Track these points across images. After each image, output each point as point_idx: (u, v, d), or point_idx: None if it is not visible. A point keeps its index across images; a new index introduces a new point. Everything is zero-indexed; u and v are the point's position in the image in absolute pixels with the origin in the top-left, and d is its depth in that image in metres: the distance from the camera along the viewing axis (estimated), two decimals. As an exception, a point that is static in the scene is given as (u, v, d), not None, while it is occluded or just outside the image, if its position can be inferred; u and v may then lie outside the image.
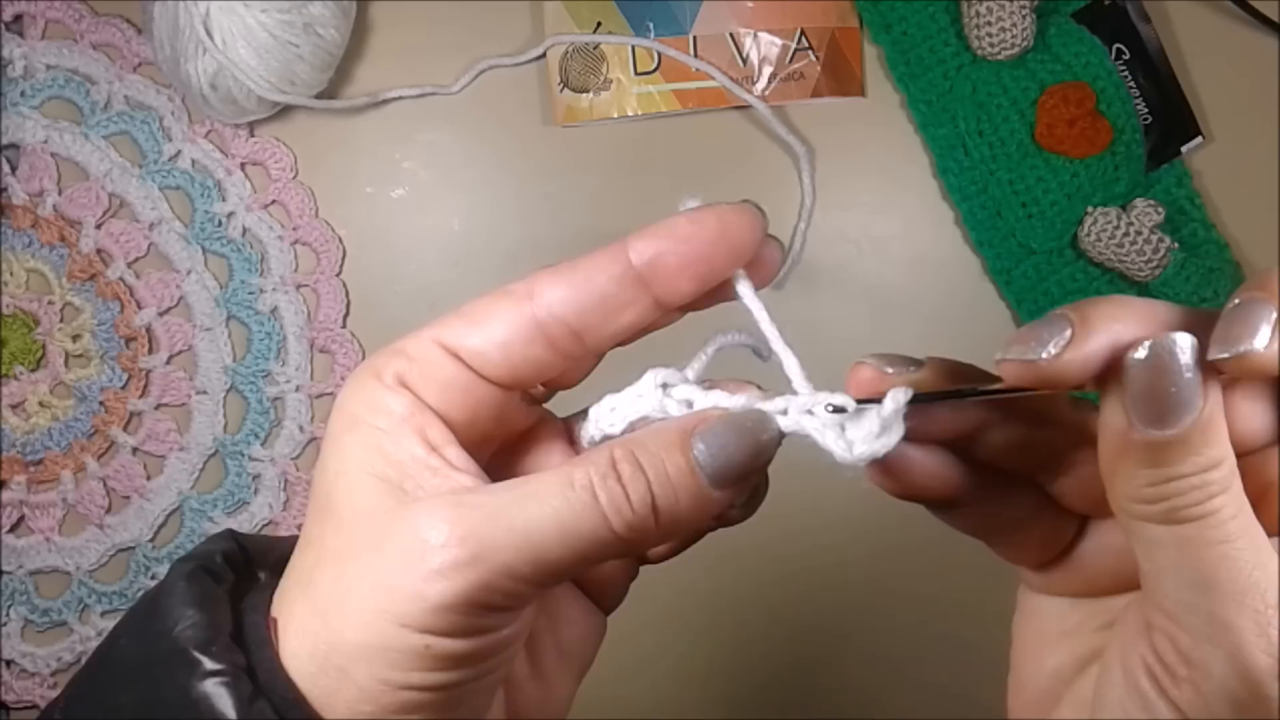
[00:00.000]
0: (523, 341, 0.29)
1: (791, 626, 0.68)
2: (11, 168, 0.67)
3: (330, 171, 0.68)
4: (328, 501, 0.29)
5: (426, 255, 0.68)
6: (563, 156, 0.68)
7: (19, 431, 0.67)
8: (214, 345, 0.67)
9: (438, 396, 0.29)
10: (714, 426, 0.28)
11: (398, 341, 0.30)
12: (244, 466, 0.67)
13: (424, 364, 0.29)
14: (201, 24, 0.61)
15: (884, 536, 0.67)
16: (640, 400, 0.30)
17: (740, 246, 0.29)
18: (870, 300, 0.68)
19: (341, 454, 0.29)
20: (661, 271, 0.29)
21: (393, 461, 0.29)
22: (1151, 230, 0.64)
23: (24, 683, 0.66)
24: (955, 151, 0.67)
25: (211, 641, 0.27)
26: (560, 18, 0.68)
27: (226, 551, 0.31)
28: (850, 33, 0.68)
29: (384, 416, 0.29)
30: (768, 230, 0.30)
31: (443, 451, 0.29)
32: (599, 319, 0.29)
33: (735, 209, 0.29)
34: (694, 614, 0.67)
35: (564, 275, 0.29)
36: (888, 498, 0.30)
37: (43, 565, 0.67)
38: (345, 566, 0.28)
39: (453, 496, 0.28)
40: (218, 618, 0.28)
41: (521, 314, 0.29)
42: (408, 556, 0.27)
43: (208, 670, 0.27)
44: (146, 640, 0.28)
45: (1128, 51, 0.67)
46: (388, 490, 0.28)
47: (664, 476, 0.28)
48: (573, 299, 0.29)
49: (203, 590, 0.29)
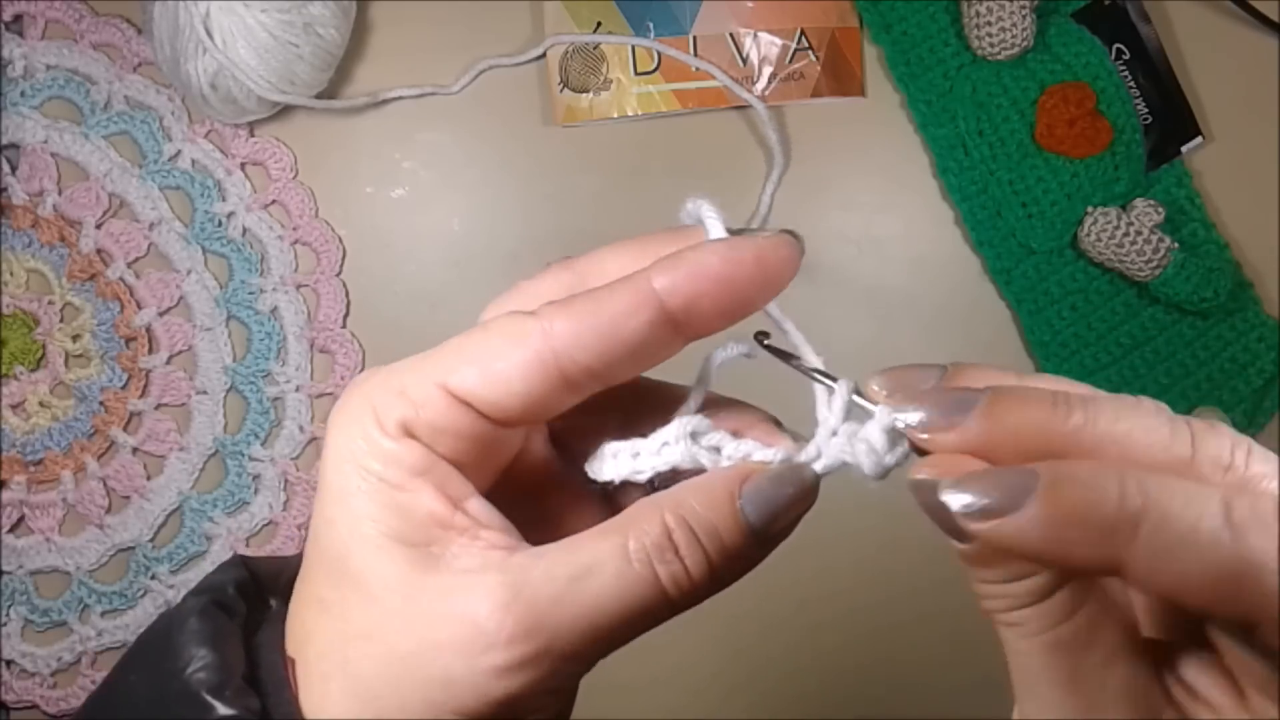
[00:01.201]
0: (541, 389, 0.27)
1: (800, 629, 0.68)
2: (11, 168, 0.67)
3: (330, 171, 0.68)
4: (344, 566, 0.27)
5: (426, 255, 0.68)
6: (563, 156, 0.68)
7: (19, 431, 0.67)
8: (214, 345, 0.67)
9: (449, 447, 0.28)
10: (760, 485, 0.27)
11: (394, 376, 0.28)
12: (244, 466, 0.67)
13: (431, 412, 0.27)
14: (201, 24, 0.61)
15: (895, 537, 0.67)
16: (668, 449, 0.29)
17: (778, 281, 0.28)
18: (870, 300, 0.68)
19: (351, 510, 0.27)
20: (695, 316, 0.27)
21: (413, 522, 0.27)
22: (1151, 230, 0.64)
23: (24, 683, 0.66)
24: (955, 151, 0.67)
25: (225, 685, 0.27)
26: (560, 18, 0.68)
27: (238, 581, 0.31)
28: (850, 33, 0.68)
29: (394, 469, 0.27)
30: (803, 256, 0.28)
31: (465, 507, 0.28)
32: (628, 366, 0.28)
33: (774, 242, 0.28)
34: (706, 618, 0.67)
35: (586, 319, 0.27)
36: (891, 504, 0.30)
37: (43, 565, 0.67)
38: (388, 650, 0.26)
39: (501, 574, 0.26)
40: (230, 658, 0.28)
41: (541, 362, 0.27)
42: (464, 648, 0.26)
43: (221, 716, 0.26)
44: (157, 680, 0.28)
45: (1128, 51, 0.67)
46: (415, 558, 0.27)
47: (719, 543, 0.27)
48: (599, 348, 0.27)
49: (215, 627, 0.28)
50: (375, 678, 0.27)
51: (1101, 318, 0.67)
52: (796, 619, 0.68)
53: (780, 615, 0.68)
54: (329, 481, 0.28)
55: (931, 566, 0.67)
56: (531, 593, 0.26)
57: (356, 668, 0.27)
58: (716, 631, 0.67)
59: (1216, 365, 0.66)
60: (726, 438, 0.29)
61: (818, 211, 0.68)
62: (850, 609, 0.68)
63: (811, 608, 0.68)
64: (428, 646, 0.26)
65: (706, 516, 0.27)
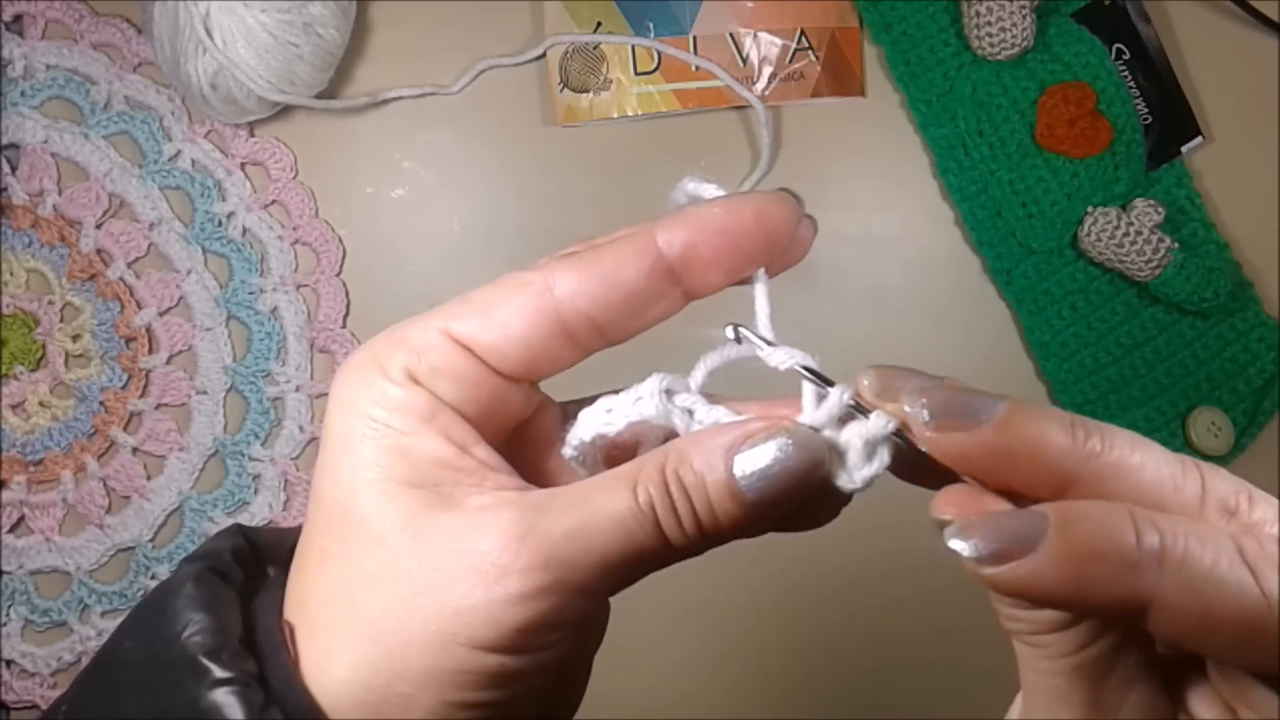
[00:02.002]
0: (542, 337, 0.27)
1: (804, 625, 0.68)
2: (11, 168, 0.67)
3: (330, 171, 0.68)
4: (346, 511, 0.27)
5: (426, 255, 0.68)
6: (563, 156, 0.68)
7: (19, 431, 0.67)
8: (214, 345, 0.67)
9: (453, 392, 0.28)
10: (753, 449, 0.26)
11: (397, 329, 0.28)
12: (244, 466, 0.67)
13: (434, 357, 0.27)
14: (201, 24, 0.61)
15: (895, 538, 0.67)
16: (641, 403, 0.29)
17: (775, 237, 0.28)
18: (870, 300, 0.68)
19: (355, 457, 0.27)
20: (694, 265, 0.28)
21: (420, 465, 0.27)
22: (1151, 230, 0.64)
23: (24, 683, 0.66)
24: (955, 151, 0.67)
25: (221, 648, 0.26)
26: (560, 18, 0.68)
27: (235, 549, 0.30)
28: (850, 33, 0.68)
29: (400, 416, 0.27)
30: (803, 215, 0.29)
31: (472, 452, 0.28)
32: (626, 315, 0.28)
33: (771, 198, 0.28)
34: (710, 608, 0.67)
35: (587, 268, 0.27)
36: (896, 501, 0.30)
37: (43, 565, 0.67)
38: (398, 589, 0.26)
39: (515, 509, 0.26)
40: (227, 622, 0.27)
41: (542, 309, 0.27)
42: (479, 578, 0.26)
43: (217, 678, 0.26)
44: (153, 645, 0.27)
45: (1128, 51, 0.67)
46: (423, 498, 0.27)
47: (707, 503, 0.26)
48: (598, 295, 0.27)
49: (211, 592, 0.28)
50: (384, 616, 0.26)
51: (1101, 318, 0.67)
52: (790, 614, 0.68)
53: (772, 609, 0.68)
54: (333, 431, 0.28)
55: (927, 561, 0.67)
56: (546, 527, 0.26)
57: (363, 610, 0.26)
58: (709, 632, 0.67)
59: (1216, 365, 0.66)
60: (700, 401, 0.29)
61: (817, 211, 0.67)
62: (845, 602, 0.68)
63: (807, 601, 0.68)
64: (440, 580, 0.26)
65: (699, 472, 0.26)
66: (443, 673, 0.26)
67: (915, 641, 0.68)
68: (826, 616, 0.68)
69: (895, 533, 0.67)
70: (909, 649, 0.68)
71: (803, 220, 0.29)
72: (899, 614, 0.68)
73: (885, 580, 0.67)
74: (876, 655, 0.68)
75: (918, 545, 0.71)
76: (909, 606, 0.67)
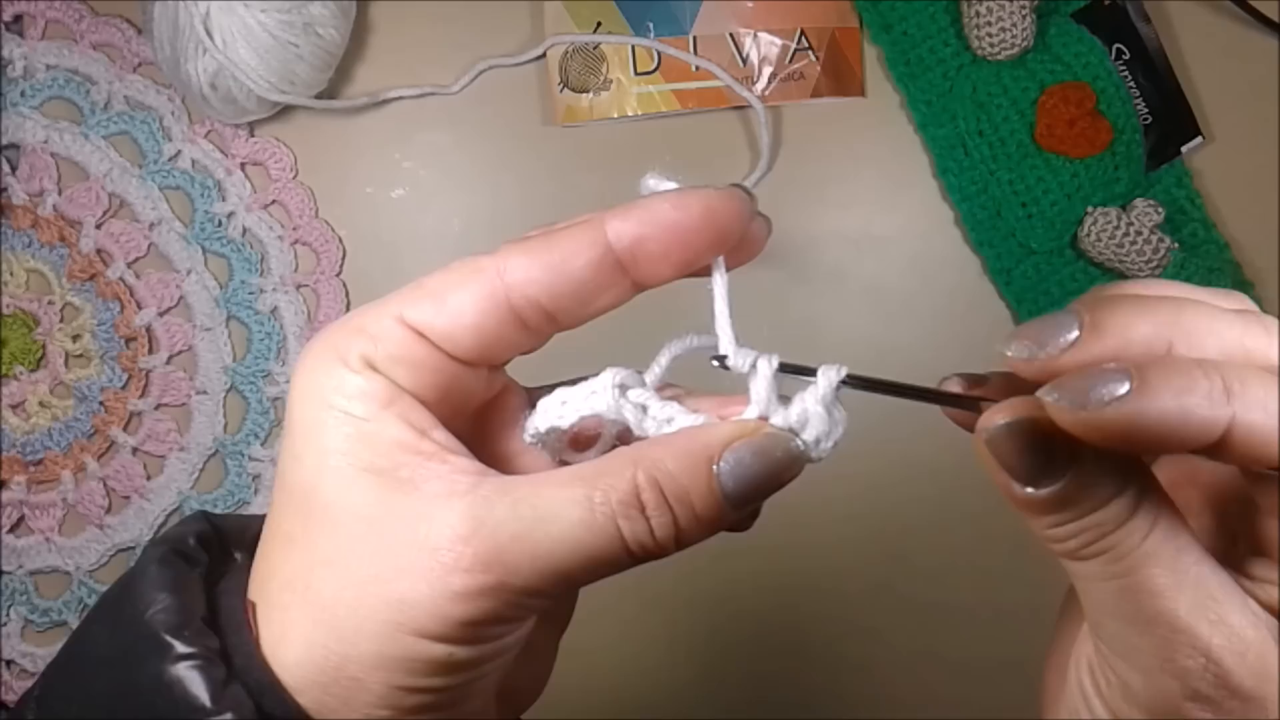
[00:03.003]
0: (494, 323, 0.28)
1: (788, 623, 0.68)
2: (11, 168, 0.67)
3: (330, 171, 0.68)
4: (309, 497, 0.28)
5: (426, 255, 0.68)
6: (563, 156, 0.68)
7: (19, 431, 0.67)
8: (214, 345, 0.67)
9: (410, 378, 0.28)
10: (741, 455, 0.27)
11: (353, 317, 0.29)
12: (244, 466, 0.67)
13: (390, 344, 0.28)
14: (201, 24, 0.61)
15: (886, 533, 0.67)
16: (594, 397, 0.29)
17: (725, 233, 0.28)
18: (870, 300, 0.68)
19: (319, 444, 0.28)
20: (642, 258, 0.28)
21: (380, 451, 0.27)
22: (1151, 230, 0.64)
23: (24, 683, 0.66)
24: (955, 151, 0.67)
25: (184, 625, 0.27)
26: (560, 18, 0.68)
27: (200, 533, 0.31)
28: (850, 33, 0.68)
29: (359, 403, 0.28)
30: (756, 211, 0.29)
31: (431, 435, 0.28)
32: (574, 303, 0.28)
33: (721, 194, 0.28)
34: (685, 605, 0.67)
35: (538, 254, 0.28)
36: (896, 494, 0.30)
37: (43, 565, 0.67)
38: (350, 575, 0.27)
39: (466, 502, 0.27)
40: (189, 601, 0.28)
41: (493, 295, 0.28)
42: (424, 572, 0.26)
43: (179, 654, 0.27)
44: (119, 626, 0.28)
45: (1128, 51, 0.67)
46: (381, 484, 0.27)
47: (689, 508, 0.27)
48: (547, 282, 0.28)
49: (175, 574, 0.29)
50: (336, 602, 0.27)
51: (1101, 318, 0.67)
52: (760, 606, 0.68)
53: (752, 601, 0.68)
54: (295, 419, 0.28)
55: (933, 562, 0.67)
56: (493, 528, 0.26)
57: (317, 594, 0.27)
58: (675, 623, 0.67)
59: (1216, 365, 0.66)
60: (654, 397, 0.29)
61: (818, 211, 0.68)
62: (835, 593, 0.68)
63: (794, 593, 0.68)
64: (390, 570, 0.26)
65: (679, 481, 0.27)
66: (391, 659, 0.27)
67: (893, 632, 0.68)
68: (799, 608, 0.68)
69: (869, 522, 0.67)
70: (886, 639, 0.68)
71: (755, 218, 0.29)
72: (875, 605, 0.68)
73: (859, 571, 0.68)
74: (852, 647, 0.68)
75: (888, 541, 0.71)
76: (884, 598, 0.67)
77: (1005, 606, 0.64)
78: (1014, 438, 0.25)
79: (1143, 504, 0.26)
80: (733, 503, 0.27)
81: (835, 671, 0.68)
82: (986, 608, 0.66)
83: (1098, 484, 0.25)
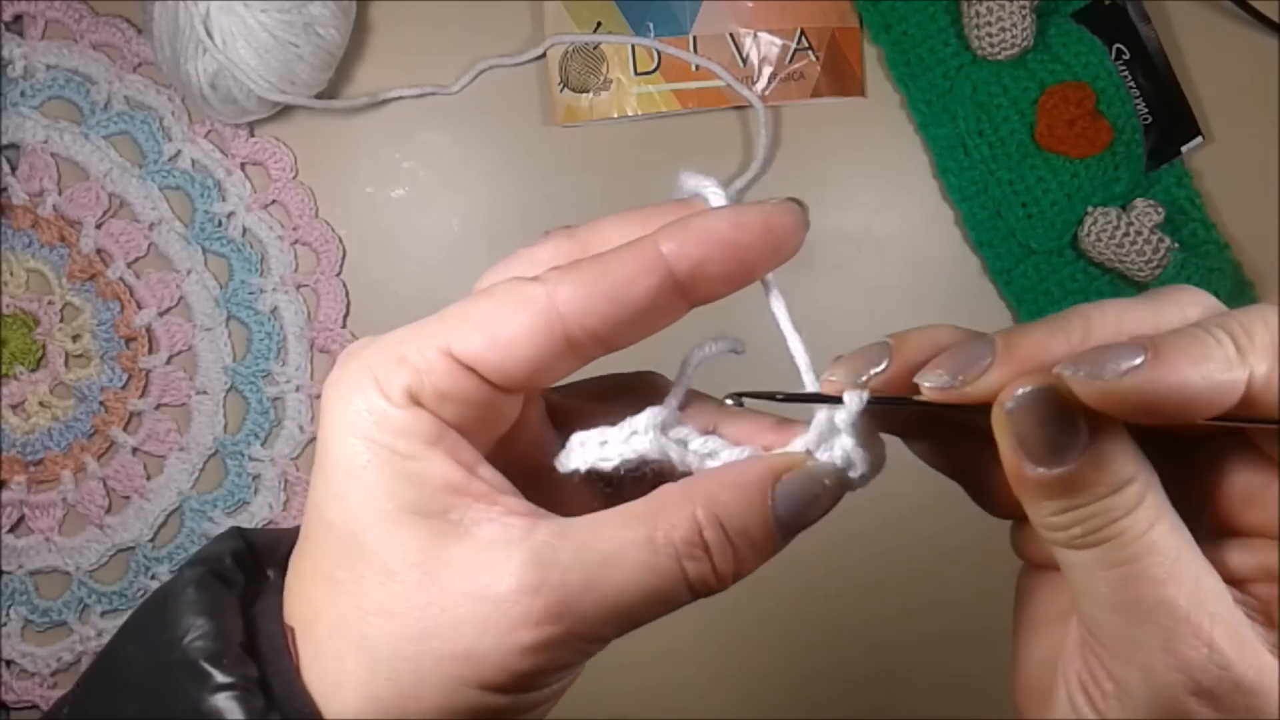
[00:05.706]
0: (548, 355, 0.27)
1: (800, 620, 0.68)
2: (11, 168, 0.67)
3: (330, 171, 0.68)
4: (358, 542, 0.27)
5: (426, 255, 0.68)
6: (563, 156, 0.68)
7: (19, 431, 0.67)
8: (214, 345, 0.67)
9: (455, 413, 0.27)
10: (794, 485, 0.27)
11: (394, 343, 0.27)
12: (244, 466, 0.67)
13: (436, 378, 0.27)
14: (201, 24, 0.61)
15: (886, 530, 0.67)
16: (635, 438, 0.29)
17: (783, 249, 0.28)
18: (870, 300, 0.68)
19: (362, 484, 0.27)
20: (701, 281, 0.27)
21: (428, 492, 0.27)
22: (1151, 230, 0.64)
23: (24, 683, 0.66)
24: (955, 151, 0.67)
25: (222, 653, 0.27)
26: (560, 18, 0.68)
27: (235, 552, 0.30)
28: (850, 33, 0.68)
29: (405, 440, 0.27)
30: (808, 223, 0.29)
31: (478, 473, 0.27)
32: (633, 331, 0.27)
33: (780, 210, 0.28)
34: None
35: (593, 284, 0.27)
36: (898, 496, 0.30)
37: (43, 565, 0.67)
38: (409, 628, 0.26)
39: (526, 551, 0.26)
40: (228, 627, 0.27)
41: (549, 328, 0.27)
42: (491, 626, 0.26)
43: (218, 683, 0.26)
44: (154, 650, 0.28)
45: (1128, 51, 0.67)
46: (432, 529, 0.26)
47: (749, 541, 0.27)
48: (605, 312, 0.27)
49: (213, 597, 0.28)
50: (394, 655, 0.26)
51: (1101, 318, 0.67)
52: (789, 614, 0.68)
53: (769, 608, 0.68)
54: (334, 455, 0.27)
55: (934, 562, 0.67)
56: (560, 578, 0.26)
57: (373, 645, 0.26)
58: (704, 626, 0.67)
59: (1216, 365, 0.66)
60: (693, 433, 0.29)
61: (817, 211, 0.67)
62: (839, 598, 0.68)
63: (803, 597, 0.68)
64: (450, 623, 0.26)
65: (740, 515, 0.27)
66: (454, 711, 0.26)
67: (914, 644, 0.68)
68: (825, 616, 0.68)
69: (894, 533, 0.67)
70: (907, 650, 0.68)
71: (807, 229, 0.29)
72: (897, 617, 0.68)
73: (883, 584, 0.68)
74: (875, 658, 0.68)
75: (915, 548, 0.71)
76: (907, 608, 0.67)
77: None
78: (1036, 407, 0.25)
79: (1149, 493, 0.26)
80: (785, 533, 0.28)
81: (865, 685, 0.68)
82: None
83: (1109, 469, 0.25)
